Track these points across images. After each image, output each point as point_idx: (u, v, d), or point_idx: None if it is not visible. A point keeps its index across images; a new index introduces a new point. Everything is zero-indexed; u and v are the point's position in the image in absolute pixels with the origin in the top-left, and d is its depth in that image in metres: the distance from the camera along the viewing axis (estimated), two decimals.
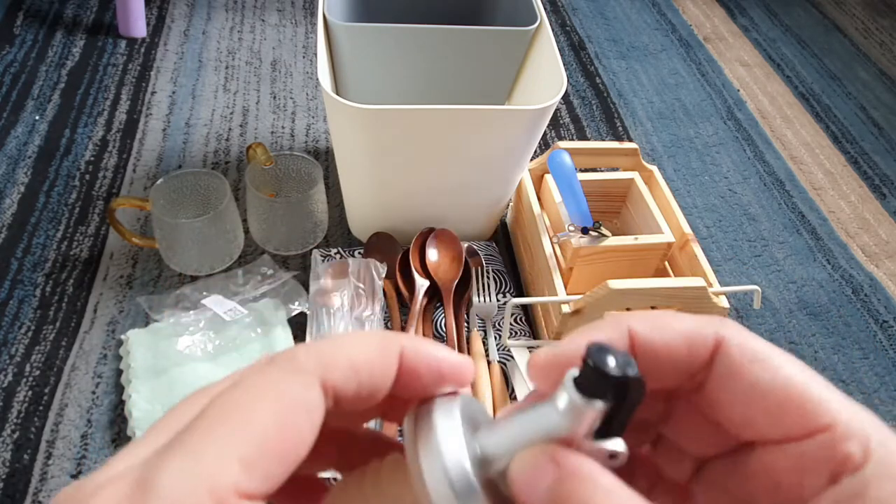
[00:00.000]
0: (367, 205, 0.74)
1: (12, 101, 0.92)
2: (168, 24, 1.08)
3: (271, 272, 0.71)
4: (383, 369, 0.19)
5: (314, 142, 0.91)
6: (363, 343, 0.19)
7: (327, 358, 0.18)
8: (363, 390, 0.19)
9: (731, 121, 1.04)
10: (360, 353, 0.19)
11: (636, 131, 1.00)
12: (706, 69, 1.14)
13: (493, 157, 0.67)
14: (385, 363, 0.19)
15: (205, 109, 0.94)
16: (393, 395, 0.20)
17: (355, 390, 0.18)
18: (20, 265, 0.72)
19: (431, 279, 0.71)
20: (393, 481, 0.20)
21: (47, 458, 0.58)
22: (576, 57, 1.13)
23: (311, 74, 1.02)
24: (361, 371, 0.18)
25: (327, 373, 0.18)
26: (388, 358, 0.19)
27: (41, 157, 0.84)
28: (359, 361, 0.18)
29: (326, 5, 0.69)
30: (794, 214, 0.90)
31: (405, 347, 0.20)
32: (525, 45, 0.74)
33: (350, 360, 0.18)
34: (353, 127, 0.62)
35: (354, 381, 0.18)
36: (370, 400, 0.19)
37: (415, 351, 0.20)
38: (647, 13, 1.27)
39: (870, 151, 1.03)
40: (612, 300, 0.61)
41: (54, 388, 0.62)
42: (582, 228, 0.66)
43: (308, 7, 1.16)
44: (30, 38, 1.02)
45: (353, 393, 0.18)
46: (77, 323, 0.68)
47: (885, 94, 1.15)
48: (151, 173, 0.84)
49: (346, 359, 0.18)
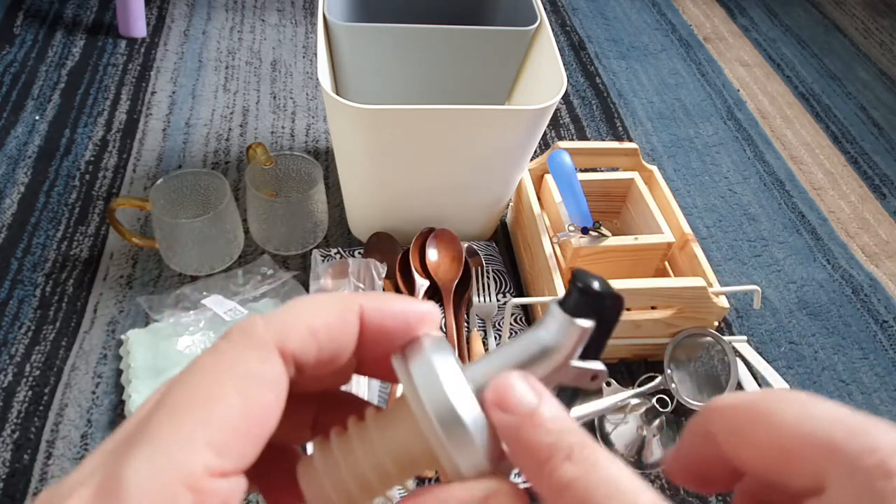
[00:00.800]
0: (367, 205, 0.74)
1: (12, 101, 0.92)
2: (168, 24, 1.08)
3: (271, 272, 0.71)
4: (344, 331, 0.19)
5: (314, 142, 0.91)
6: (321, 307, 0.19)
7: (284, 326, 0.18)
8: (324, 354, 0.19)
9: (731, 121, 1.04)
10: (319, 318, 0.18)
11: (636, 131, 1.00)
12: (706, 69, 1.14)
13: (493, 157, 0.67)
14: (345, 325, 0.19)
15: (205, 109, 0.94)
16: (361, 351, 0.20)
17: (316, 355, 0.18)
18: (20, 265, 0.72)
19: (431, 279, 0.71)
20: (383, 428, 0.20)
21: (47, 458, 0.58)
22: (576, 57, 1.13)
23: (311, 74, 1.02)
24: (320, 335, 0.18)
25: (285, 341, 0.18)
26: (348, 319, 0.19)
27: (41, 157, 0.84)
28: (317, 326, 0.18)
29: (326, 5, 0.69)
30: (794, 214, 0.90)
31: (365, 307, 0.19)
32: (525, 45, 0.74)
33: (308, 326, 0.18)
34: (353, 127, 0.62)
35: (314, 346, 0.18)
36: (335, 362, 0.19)
37: (376, 309, 0.19)
38: (647, 13, 1.27)
39: (870, 151, 1.03)
40: None
41: (54, 388, 0.62)
42: (582, 228, 0.66)
43: (308, 7, 1.16)
44: (30, 38, 1.02)
45: (314, 358, 0.18)
46: (77, 323, 0.68)
47: (885, 94, 1.15)
48: (151, 173, 0.84)
49: (304, 325, 0.18)
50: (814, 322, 0.77)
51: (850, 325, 0.78)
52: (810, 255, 0.85)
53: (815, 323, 0.77)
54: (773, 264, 0.84)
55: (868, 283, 0.82)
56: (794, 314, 0.78)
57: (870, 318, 0.79)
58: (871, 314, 0.79)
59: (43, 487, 0.56)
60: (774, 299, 0.79)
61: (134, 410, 0.58)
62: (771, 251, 0.85)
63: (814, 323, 0.77)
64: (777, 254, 0.85)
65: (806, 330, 0.77)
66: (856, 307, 0.80)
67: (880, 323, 0.78)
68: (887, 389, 0.72)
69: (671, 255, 0.72)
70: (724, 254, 0.84)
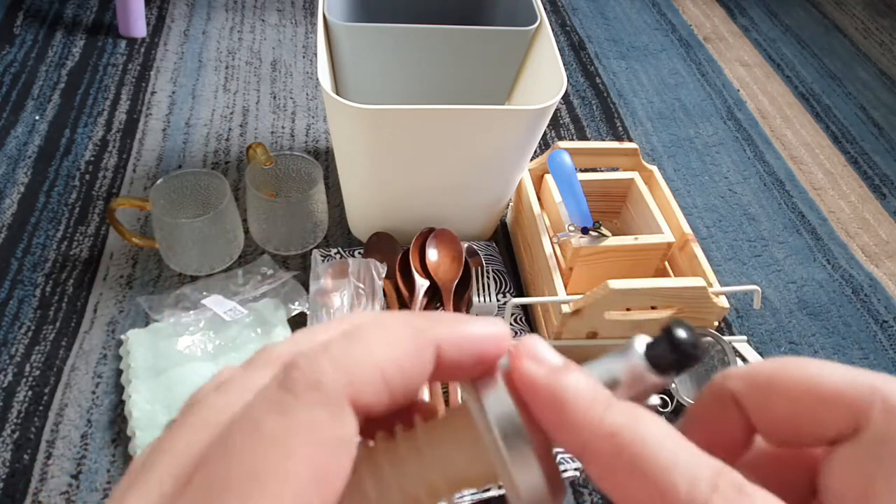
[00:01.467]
0: (367, 205, 0.74)
1: (12, 101, 0.92)
2: (168, 24, 1.08)
3: (271, 272, 0.71)
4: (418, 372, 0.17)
5: (314, 142, 0.91)
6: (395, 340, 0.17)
7: (354, 370, 0.16)
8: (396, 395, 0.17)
9: (731, 121, 1.04)
10: (392, 359, 0.16)
11: (636, 131, 1.00)
12: (706, 69, 1.14)
13: (493, 157, 0.67)
14: (420, 364, 0.17)
15: (205, 109, 0.94)
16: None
17: (388, 400, 0.16)
18: (20, 265, 0.72)
19: (431, 279, 0.71)
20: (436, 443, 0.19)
21: (47, 458, 0.58)
22: (576, 57, 1.13)
23: (311, 74, 1.02)
24: (394, 378, 0.16)
25: (357, 393, 0.16)
26: (424, 358, 0.17)
27: (41, 157, 0.84)
28: (390, 370, 0.16)
29: (326, 5, 0.69)
30: (794, 214, 0.90)
31: (442, 342, 0.17)
32: (525, 45, 0.74)
33: (381, 370, 0.16)
34: (353, 127, 0.62)
35: (386, 392, 0.16)
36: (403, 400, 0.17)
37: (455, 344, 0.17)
38: (647, 13, 1.27)
39: (870, 151, 1.03)
40: (612, 300, 0.61)
41: (54, 388, 0.62)
42: (582, 228, 0.66)
43: (308, 7, 1.16)
44: (30, 38, 1.02)
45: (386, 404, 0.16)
46: (77, 323, 0.68)
47: (885, 94, 1.15)
48: (151, 173, 0.84)
49: (376, 366, 0.16)
50: (814, 322, 0.77)
51: (850, 325, 0.78)
52: (810, 255, 0.85)
53: (815, 323, 0.77)
54: (773, 264, 0.84)
55: (868, 283, 0.82)
56: (794, 314, 0.78)
57: (870, 318, 0.79)
58: (871, 314, 0.79)
59: (43, 487, 0.56)
60: (774, 299, 0.79)
61: (138, 411, 0.58)
62: (771, 251, 0.85)
63: (814, 323, 0.77)
64: (777, 254, 0.85)
65: (806, 330, 0.77)
66: (856, 307, 0.80)
67: (880, 323, 0.78)
68: None
69: (671, 255, 0.72)
70: (724, 254, 0.84)
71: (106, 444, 0.59)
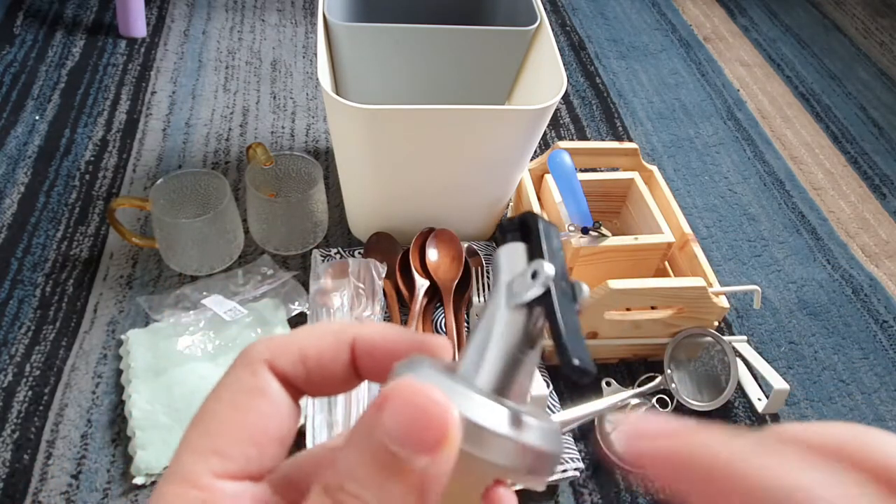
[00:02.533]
0: (367, 205, 0.74)
1: (12, 101, 0.92)
2: (168, 24, 1.08)
3: (271, 272, 0.71)
4: (334, 359, 0.21)
5: (314, 142, 0.91)
6: (316, 335, 0.21)
7: (277, 348, 0.20)
8: (314, 375, 0.21)
9: (731, 121, 1.04)
10: (311, 345, 0.21)
11: (636, 131, 1.00)
12: (706, 69, 1.14)
13: (493, 157, 0.67)
14: (336, 353, 0.21)
15: (205, 109, 0.94)
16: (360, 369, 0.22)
17: (305, 376, 0.21)
18: (20, 265, 0.72)
19: (431, 279, 0.71)
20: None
21: (47, 458, 0.58)
22: (576, 57, 1.13)
23: (311, 74, 1.02)
24: (310, 360, 0.21)
25: (274, 360, 0.20)
26: (339, 349, 0.21)
27: (41, 157, 0.84)
28: (308, 352, 0.21)
29: (326, 5, 0.69)
30: (794, 214, 0.90)
31: (357, 339, 0.21)
32: (525, 45, 0.74)
33: (300, 350, 0.21)
34: (353, 127, 0.62)
35: (302, 368, 0.21)
36: (328, 381, 0.21)
37: (367, 342, 0.21)
38: (647, 13, 1.27)
39: (870, 151, 1.03)
40: (612, 300, 0.61)
41: (54, 388, 0.62)
42: (582, 228, 0.66)
43: (308, 7, 1.16)
44: (30, 38, 1.02)
45: (304, 377, 0.21)
46: (77, 323, 0.68)
47: (885, 94, 1.15)
48: (151, 173, 0.84)
49: (296, 349, 0.21)
50: (814, 322, 0.78)
51: (850, 325, 0.78)
52: (810, 255, 0.85)
53: (815, 323, 0.77)
54: (773, 264, 0.84)
55: (868, 283, 0.82)
56: (794, 314, 0.78)
57: (870, 318, 0.79)
58: (871, 314, 0.79)
59: (43, 487, 0.56)
60: (774, 299, 0.79)
61: (138, 411, 0.59)
62: (771, 251, 0.85)
63: (814, 323, 0.77)
64: (777, 254, 0.85)
65: (806, 330, 0.77)
66: (856, 307, 0.80)
67: (880, 323, 0.78)
68: (887, 389, 0.72)
69: (671, 255, 0.72)
70: (724, 254, 0.84)
71: (106, 444, 0.59)
